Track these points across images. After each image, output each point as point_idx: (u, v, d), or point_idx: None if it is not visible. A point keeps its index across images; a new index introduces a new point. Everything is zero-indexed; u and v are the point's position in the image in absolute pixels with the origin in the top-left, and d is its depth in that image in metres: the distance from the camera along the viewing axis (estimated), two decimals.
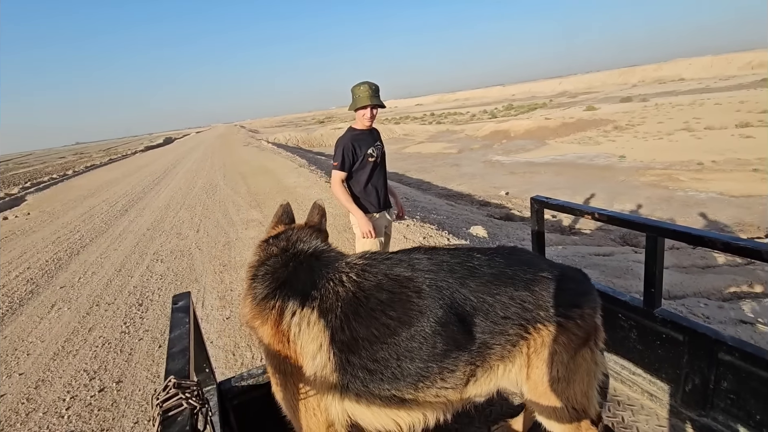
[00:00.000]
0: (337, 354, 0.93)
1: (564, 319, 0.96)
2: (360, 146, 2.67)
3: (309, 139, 30.50)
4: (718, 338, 1.23)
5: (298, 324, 0.96)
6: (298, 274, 1.04)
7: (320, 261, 1.07)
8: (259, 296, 1.02)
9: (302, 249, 1.11)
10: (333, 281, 0.99)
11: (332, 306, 0.96)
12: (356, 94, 2.62)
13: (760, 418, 1.17)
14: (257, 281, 1.05)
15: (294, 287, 1.00)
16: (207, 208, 8.48)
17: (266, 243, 1.17)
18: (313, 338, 0.94)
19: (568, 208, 1.64)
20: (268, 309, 0.99)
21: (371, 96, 2.59)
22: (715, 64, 63.09)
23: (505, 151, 16.91)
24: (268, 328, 0.98)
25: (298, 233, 1.17)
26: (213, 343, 3.48)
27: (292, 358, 0.95)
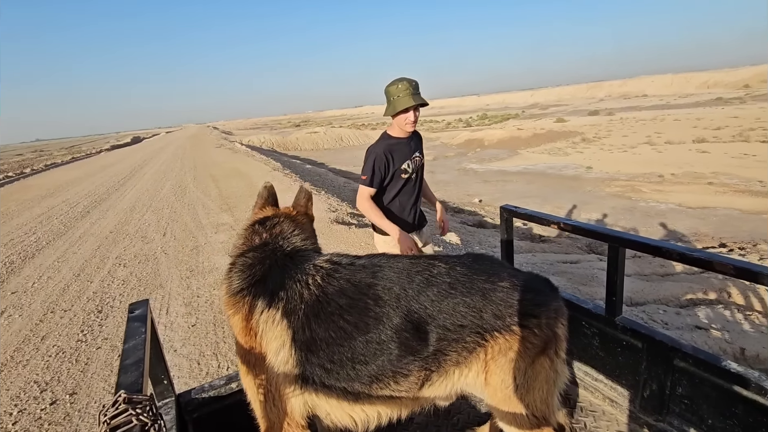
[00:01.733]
0: (297, 352, 0.97)
1: (520, 328, 0.99)
2: (395, 158, 2.18)
3: (284, 143, 30.13)
4: (673, 345, 1.28)
5: (264, 321, 1.00)
6: (272, 273, 1.07)
7: (293, 261, 1.09)
8: (234, 288, 1.06)
9: (281, 246, 1.14)
10: (300, 283, 1.02)
11: (296, 307, 0.99)
12: (394, 94, 2.12)
13: (712, 422, 1.22)
14: (235, 271, 1.09)
15: (266, 286, 1.04)
16: (175, 211, 8.20)
17: (252, 229, 1.20)
18: (276, 336, 0.99)
19: (536, 218, 1.68)
20: (240, 302, 1.04)
21: (413, 94, 2.08)
22: (675, 82, 66.90)
23: (479, 160, 17.25)
24: (239, 320, 1.03)
25: (282, 226, 1.19)
26: (177, 351, 3.34)
27: (258, 351, 1.01)
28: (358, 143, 29.42)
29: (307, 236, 1.18)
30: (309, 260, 1.07)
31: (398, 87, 2.10)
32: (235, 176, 12.00)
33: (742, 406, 1.14)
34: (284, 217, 1.22)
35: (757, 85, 45.95)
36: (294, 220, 1.22)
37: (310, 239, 1.18)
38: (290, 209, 1.28)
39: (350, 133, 32.06)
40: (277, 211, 1.29)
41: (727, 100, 31.13)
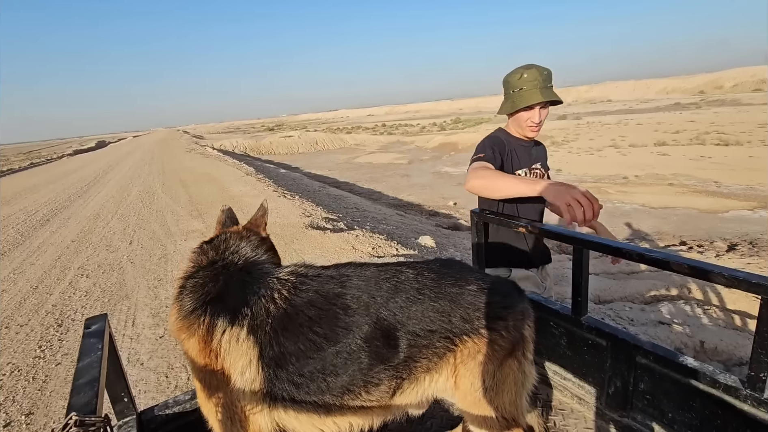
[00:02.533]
0: (265, 369, 0.94)
1: (488, 331, 1.00)
2: (512, 157, 1.73)
3: (258, 147, 29.65)
4: (635, 343, 1.32)
5: (228, 341, 0.96)
6: (229, 289, 1.02)
7: (251, 275, 1.05)
8: (186, 310, 1.00)
9: (232, 261, 1.09)
10: (265, 298, 0.99)
11: (262, 323, 0.96)
12: (516, 86, 1.65)
13: (672, 415, 1.27)
14: (185, 293, 1.03)
15: (224, 304, 0.99)
16: (142, 218, 7.91)
17: (199, 250, 1.14)
18: (242, 354, 0.95)
19: (504, 221, 1.71)
20: (196, 324, 0.98)
21: (542, 88, 1.61)
22: (637, 88, 70.06)
23: (454, 163, 17.49)
24: (195, 342, 0.97)
25: (229, 242, 1.14)
26: (144, 365, 3.21)
27: (221, 373, 0.96)
28: (333, 147, 29.31)
29: (257, 249, 1.13)
30: (270, 274, 1.04)
31: (523, 77, 1.63)
32: (207, 181, 11.70)
33: (699, 399, 1.19)
34: (231, 234, 1.17)
35: (712, 91, 48.71)
36: (242, 235, 1.17)
37: (261, 251, 1.13)
38: (239, 227, 1.23)
39: (325, 137, 31.90)
40: (225, 230, 1.22)
41: (684, 105, 32.88)
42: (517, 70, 1.66)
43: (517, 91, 1.65)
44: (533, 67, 1.63)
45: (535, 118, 1.67)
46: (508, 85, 1.71)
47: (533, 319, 1.13)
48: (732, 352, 3.29)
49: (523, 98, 1.63)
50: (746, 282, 1.01)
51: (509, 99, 1.70)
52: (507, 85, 1.71)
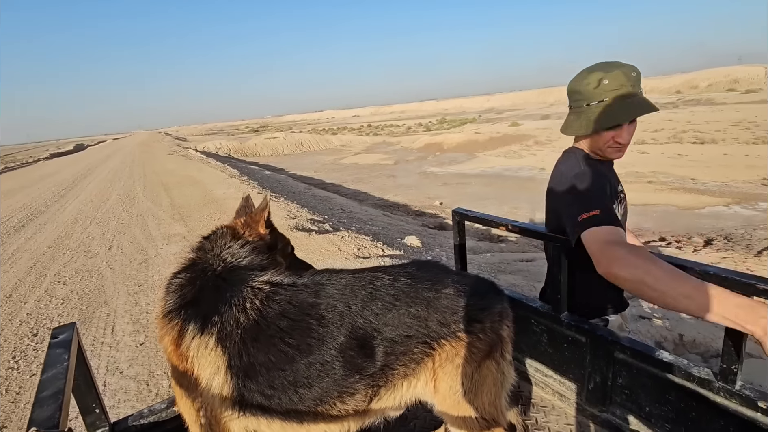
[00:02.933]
0: (234, 378, 0.93)
1: (466, 333, 1.00)
2: (608, 185, 1.31)
3: (242, 149, 29.30)
4: (613, 338, 1.34)
5: (196, 347, 0.95)
6: (203, 295, 1.02)
7: (227, 282, 1.04)
8: (166, 309, 1.02)
9: (212, 265, 1.08)
10: (236, 307, 0.97)
11: (231, 332, 0.95)
12: (594, 96, 1.23)
13: (649, 409, 1.29)
14: (169, 292, 1.04)
15: (197, 309, 0.99)
16: (122, 223, 7.73)
17: (196, 244, 1.15)
18: (210, 362, 0.94)
19: (486, 220, 1.72)
20: (170, 326, 0.99)
21: (634, 98, 1.21)
22: None
23: (439, 163, 17.59)
24: (169, 344, 0.99)
25: (218, 242, 1.14)
26: (123, 373, 3.13)
27: (191, 376, 0.96)
28: (319, 148, 29.17)
29: (242, 250, 1.11)
30: (246, 282, 1.02)
31: (602, 84, 1.20)
32: (189, 184, 11.50)
33: (674, 393, 1.21)
34: (225, 231, 1.16)
35: (688, 91, 50.12)
36: (235, 233, 1.15)
37: (247, 253, 1.11)
38: (239, 221, 1.21)
39: (311, 138, 31.73)
40: (227, 225, 1.22)
41: (662, 104, 33.70)
42: (591, 74, 1.23)
43: (595, 104, 1.23)
44: (617, 68, 1.20)
45: (622, 137, 1.24)
46: (579, 96, 1.27)
47: (512, 318, 1.13)
48: (709, 344, 3.37)
49: (608, 115, 1.21)
50: (717, 276, 1.03)
51: (583, 115, 1.26)
52: (577, 96, 1.28)
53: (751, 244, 7.04)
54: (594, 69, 1.25)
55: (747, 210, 8.47)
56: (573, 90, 1.30)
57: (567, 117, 1.36)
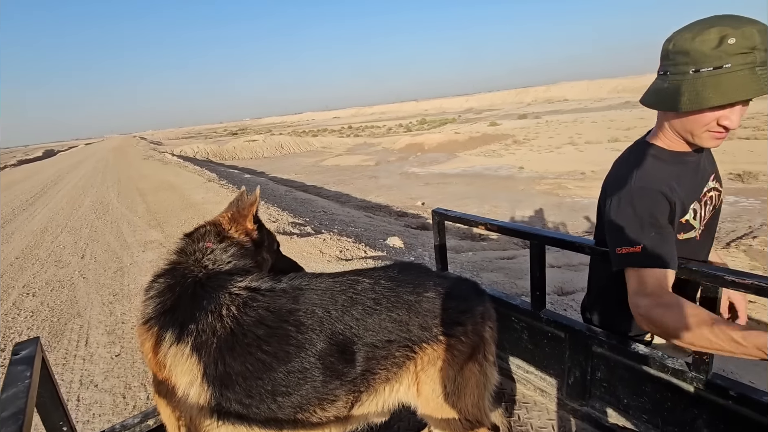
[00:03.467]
0: (211, 388, 0.92)
1: (447, 337, 1.00)
2: (677, 197, 1.06)
3: (220, 152, 28.77)
4: (590, 333, 1.36)
5: (173, 356, 0.94)
6: (181, 302, 1.00)
7: (204, 289, 1.01)
8: (146, 315, 1.00)
9: (191, 270, 1.05)
10: (212, 314, 0.95)
11: (207, 341, 0.93)
12: (711, 59, 0.89)
13: (627, 401, 1.32)
14: (150, 297, 1.02)
15: (174, 317, 0.97)
16: (96, 230, 7.47)
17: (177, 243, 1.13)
18: (186, 371, 0.93)
19: (465, 220, 1.73)
20: (149, 333, 0.98)
21: (757, 67, 0.87)
22: (590, 87, 73.62)
23: (420, 163, 17.67)
24: (148, 350, 0.98)
25: (199, 243, 1.11)
26: (98, 386, 3.02)
27: (169, 384, 0.95)
28: (299, 150, 28.91)
29: (229, 254, 1.09)
30: (224, 288, 1.00)
31: (726, 43, 0.87)
32: (166, 189, 11.21)
33: (650, 384, 1.24)
34: (209, 229, 1.12)
35: None
36: (218, 232, 1.12)
37: (229, 256, 1.08)
38: (221, 219, 1.18)
39: (291, 140, 31.43)
40: (212, 221, 1.18)
41: (634, 103, 34.78)
42: (709, 30, 0.89)
43: (710, 71, 0.90)
44: (749, 24, 0.87)
45: (731, 120, 0.93)
46: (685, 59, 0.93)
47: (494, 320, 1.14)
48: None
49: (732, 88, 0.88)
50: (687, 270, 1.06)
51: (688, 84, 0.93)
52: (683, 58, 0.93)
53: (720, 237, 7.32)
54: (714, 23, 0.89)
55: None
56: (678, 50, 0.94)
57: (655, 85, 1.02)
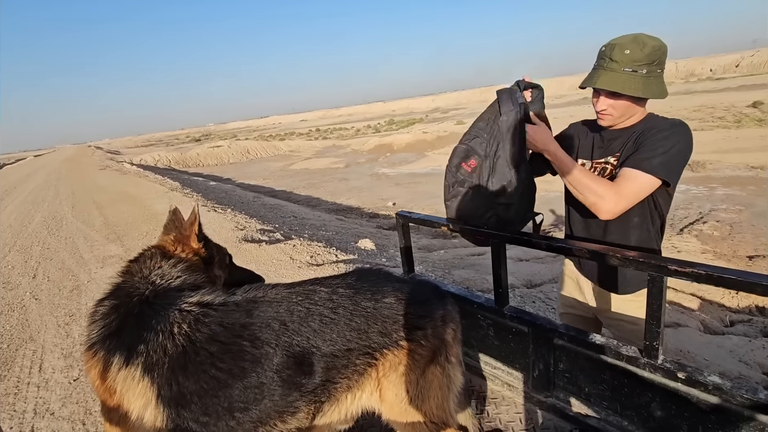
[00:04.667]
0: (165, 409, 0.90)
1: (407, 341, 1.01)
2: (578, 140, 1.68)
3: (183, 159, 27.80)
4: (552, 326, 1.41)
5: (123, 380, 0.91)
6: (128, 323, 0.97)
7: (152, 308, 0.98)
8: (90, 340, 0.98)
9: (137, 290, 1.03)
10: (162, 334, 0.93)
11: (159, 361, 0.90)
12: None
13: (588, 390, 1.37)
14: (94, 321, 1.00)
15: (121, 340, 0.94)
16: (48, 248, 7.04)
17: (123, 268, 1.11)
18: (139, 394, 0.90)
19: (428, 222, 1.75)
20: (95, 359, 0.95)
21: (593, 69, 1.38)
22: (551, 84, 76.38)
23: (390, 164, 17.75)
24: (95, 376, 0.95)
25: (145, 263, 1.09)
26: (55, 414, 2.84)
27: (120, 410, 0.93)
28: (267, 155, 28.38)
29: (178, 271, 1.06)
30: (173, 305, 0.97)
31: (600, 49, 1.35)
32: (125, 200, 10.72)
33: (608, 372, 1.29)
34: (153, 251, 1.10)
35: None
36: (163, 252, 1.09)
37: (176, 274, 1.05)
38: (164, 242, 1.15)
39: (257, 145, 30.79)
40: (156, 244, 1.16)
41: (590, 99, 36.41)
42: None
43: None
44: (618, 38, 1.30)
45: (596, 104, 1.41)
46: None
47: (457, 321, 1.15)
48: None
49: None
50: (635, 261, 1.11)
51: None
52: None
53: (674, 223, 7.76)
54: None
55: None
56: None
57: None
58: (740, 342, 3.40)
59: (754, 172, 10.24)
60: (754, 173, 10.15)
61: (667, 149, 1.23)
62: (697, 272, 0.99)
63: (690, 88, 33.65)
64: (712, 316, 4.33)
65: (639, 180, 1.23)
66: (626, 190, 1.22)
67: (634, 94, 1.26)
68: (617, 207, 1.23)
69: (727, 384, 1.05)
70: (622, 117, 1.37)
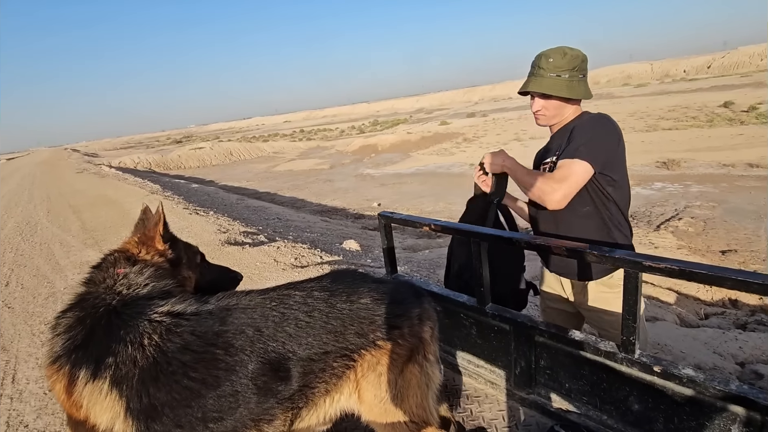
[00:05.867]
0: (135, 422, 0.87)
1: (384, 341, 1.01)
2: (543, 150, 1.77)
3: (164, 162, 27.23)
4: (533, 324, 1.43)
5: (90, 393, 0.88)
6: (95, 335, 0.93)
7: (121, 318, 0.95)
8: (54, 354, 0.93)
9: (103, 300, 0.99)
10: (132, 345, 0.90)
11: (128, 373, 0.88)
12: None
13: (568, 385, 1.39)
14: (57, 334, 0.96)
15: (88, 352, 0.91)
16: (21, 254, 6.80)
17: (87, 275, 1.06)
18: (107, 408, 0.88)
19: (410, 222, 1.75)
20: (60, 373, 0.91)
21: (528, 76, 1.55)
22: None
23: (375, 165, 17.76)
24: (60, 391, 0.92)
25: (110, 270, 1.05)
26: (29, 426, 2.74)
27: (88, 426, 0.90)
28: (250, 157, 28.04)
29: (145, 278, 1.03)
30: (143, 315, 0.94)
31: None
32: (103, 204, 10.43)
33: (587, 367, 1.31)
34: (118, 256, 1.06)
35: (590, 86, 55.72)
36: (129, 256, 1.06)
37: (144, 280, 1.02)
38: (127, 244, 1.11)
39: (240, 146, 30.39)
40: (119, 248, 1.12)
41: None
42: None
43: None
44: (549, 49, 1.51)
45: (531, 106, 1.58)
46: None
47: (434, 320, 1.15)
48: None
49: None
50: (612, 258, 1.13)
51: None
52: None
53: (651, 220, 7.97)
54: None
55: (646, 190, 9.58)
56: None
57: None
58: (714, 334, 3.51)
59: (726, 169, 10.60)
60: (726, 170, 10.51)
61: (589, 137, 1.39)
62: (670, 268, 1.02)
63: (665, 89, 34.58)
64: (688, 310, 4.46)
65: (569, 167, 1.35)
66: (559, 176, 1.35)
67: (559, 94, 1.46)
68: (557, 194, 1.33)
69: (700, 376, 1.08)
70: (556, 117, 1.55)
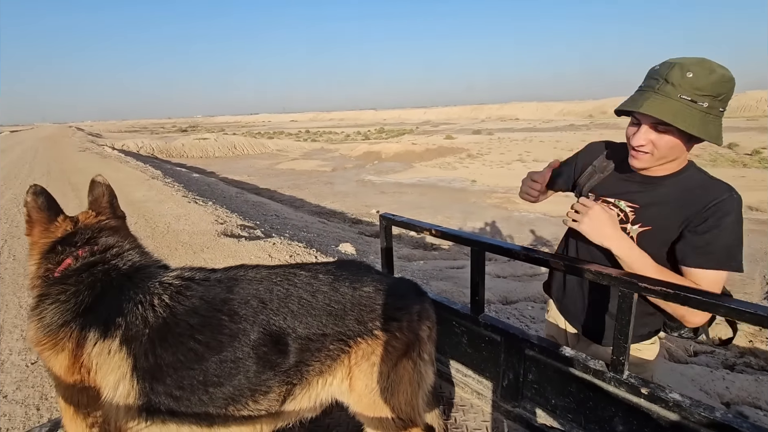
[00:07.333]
0: (140, 382, 0.88)
1: (382, 332, 1.01)
2: (590, 173, 1.39)
3: (167, 149, 27.22)
4: (524, 337, 1.43)
5: (99, 354, 0.88)
6: (105, 298, 0.93)
7: (132, 281, 0.96)
8: (53, 323, 0.90)
9: (115, 265, 0.99)
10: (143, 305, 0.91)
11: (138, 333, 0.89)
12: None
13: (555, 402, 1.40)
14: (49, 304, 0.92)
15: (97, 314, 0.91)
16: (17, 226, 6.77)
17: (55, 251, 0.98)
18: (114, 367, 0.88)
19: (411, 225, 1.76)
20: (64, 338, 0.89)
21: (640, 89, 1.07)
22: (539, 109, 78.36)
23: (377, 172, 17.80)
24: (64, 358, 0.89)
25: (106, 239, 1.03)
26: (8, 397, 2.72)
27: (92, 389, 0.89)
28: (253, 152, 28.07)
29: (139, 246, 1.06)
30: (153, 277, 0.96)
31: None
32: None
33: (575, 384, 1.32)
34: (101, 227, 1.05)
35: (598, 115, 56.29)
36: (114, 228, 1.07)
37: (141, 248, 1.05)
38: (93, 215, 1.06)
39: (245, 141, 30.42)
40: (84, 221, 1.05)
41: (577, 126, 37.48)
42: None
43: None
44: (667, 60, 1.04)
45: (632, 135, 1.08)
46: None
47: (433, 320, 1.16)
48: None
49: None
50: (608, 276, 1.14)
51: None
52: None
53: None
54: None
55: None
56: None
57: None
58: (702, 372, 3.51)
59: None
60: None
61: (740, 232, 1.02)
62: (665, 290, 1.03)
63: None
64: (677, 345, 4.47)
65: (720, 282, 1.07)
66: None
67: (687, 129, 0.97)
68: (702, 317, 1.12)
69: (686, 401, 1.09)
70: (662, 160, 1.08)
